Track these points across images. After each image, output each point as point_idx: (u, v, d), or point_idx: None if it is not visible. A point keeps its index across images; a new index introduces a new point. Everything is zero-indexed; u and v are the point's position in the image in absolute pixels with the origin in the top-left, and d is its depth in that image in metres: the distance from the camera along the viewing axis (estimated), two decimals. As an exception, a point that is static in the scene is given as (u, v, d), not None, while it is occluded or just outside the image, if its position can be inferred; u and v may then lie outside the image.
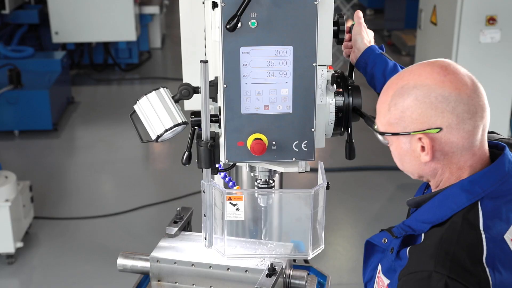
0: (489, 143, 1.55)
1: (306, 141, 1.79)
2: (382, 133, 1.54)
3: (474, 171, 1.49)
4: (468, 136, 1.45)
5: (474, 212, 1.43)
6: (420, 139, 1.46)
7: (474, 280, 1.35)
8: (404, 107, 1.46)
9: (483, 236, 1.40)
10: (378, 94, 1.76)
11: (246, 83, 1.73)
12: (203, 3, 1.88)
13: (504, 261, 1.40)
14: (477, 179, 1.46)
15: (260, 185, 1.94)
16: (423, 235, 1.47)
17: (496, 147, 1.56)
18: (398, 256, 1.51)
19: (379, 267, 1.59)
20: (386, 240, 1.56)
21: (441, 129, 1.44)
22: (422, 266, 1.40)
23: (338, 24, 1.82)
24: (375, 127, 1.58)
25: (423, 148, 1.47)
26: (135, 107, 1.85)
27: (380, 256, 1.60)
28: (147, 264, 2.08)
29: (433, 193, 1.52)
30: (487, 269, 1.37)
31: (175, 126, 1.81)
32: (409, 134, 1.47)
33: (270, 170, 1.93)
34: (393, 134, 1.50)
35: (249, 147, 1.76)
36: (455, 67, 1.47)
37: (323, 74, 1.79)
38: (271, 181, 1.95)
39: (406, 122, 1.47)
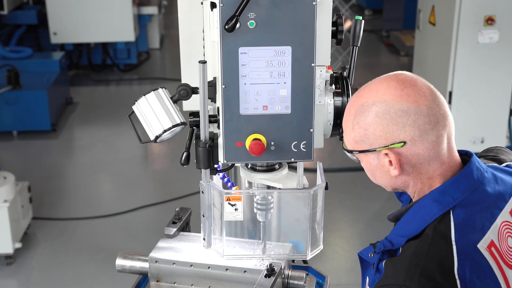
0: (459, 151, 1.56)
1: (305, 142, 1.80)
2: (350, 151, 1.56)
3: (445, 179, 1.50)
4: (433, 146, 1.46)
5: (445, 222, 1.44)
6: (386, 154, 1.48)
7: None
8: (366, 125, 1.49)
9: (454, 247, 1.40)
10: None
11: (245, 84, 1.74)
12: (202, 3, 1.88)
13: (478, 271, 1.40)
14: (447, 188, 1.48)
15: (259, 202, 1.94)
16: (400, 248, 1.48)
17: (466, 155, 1.57)
18: (377, 269, 1.52)
19: (367, 280, 1.61)
20: (372, 255, 1.58)
21: (405, 142, 1.46)
22: (393, 279, 1.41)
23: (336, 24, 1.82)
24: (343, 145, 1.60)
25: (390, 162, 1.49)
26: (134, 107, 1.85)
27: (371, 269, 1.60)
28: (145, 265, 2.08)
29: (408, 206, 1.53)
30: (457, 281, 1.37)
31: (173, 126, 1.81)
32: (375, 150, 1.49)
33: (268, 187, 1.93)
34: (360, 151, 1.53)
35: (248, 148, 1.76)
36: (412, 79, 1.48)
37: (322, 75, 1.79)
38: (269, 197, 1.94)
39: (370, 139, 1.49)
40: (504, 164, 1.63)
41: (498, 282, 1.43)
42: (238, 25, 1.65)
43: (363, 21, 1.84)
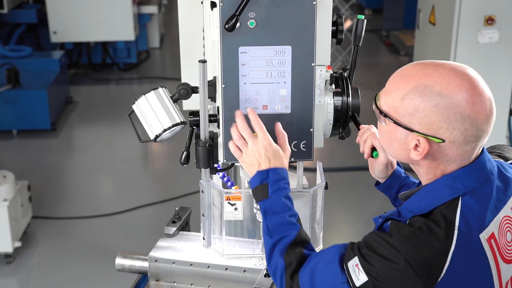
0: None
1: (305, 141, 1.80)
2: (384, 114, 1.51)
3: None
4: (464, 154, 1.47)
5: (452, 208, 1.46)
6: (418, 139, 1.47)
7: (427, 271, 1.40)
8: (419, 108, 1.44)
9: (456, 232, 1.43)
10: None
11: (245, 83, 1.74)
12: (202, 2, 1.88)
13: (473, 259, 1.44)
14: (460, 175, 1.49)
15: None
16: (408, 220, 1.50)
17: None
18: (381, 228, 1.54)
19: None
20: (380, 220, 1.60)
21: (443, 141, 1.45)
22: (389, 237, 1.45)
23: (336, 24, 1.82)
24: (378, 102, 1.54)
25: (417, 146, 1.48)
26: (134, 107, 1.85)
27: None
28: (145, 264, 2.08)
29: (421, 186, 1.55)
30: (447, 263, 1.41)
31: (173, 126, 1.81)
32: (411, 130, 1.47)
33: None
34: (395, 122, 1.49)
35: (247, 147, 1.75)
36: (483, 87, 1.45)
37: (322, 74, 1.79)
38: None
39: (413, 119, 1.46)
40: (509, 162, 1.65)
41: (491, 273, 1.46)
42: (238, 25, 1.65)
43: (365, 20, 1.84)
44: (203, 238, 1.96)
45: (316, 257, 1.57)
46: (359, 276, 1.45)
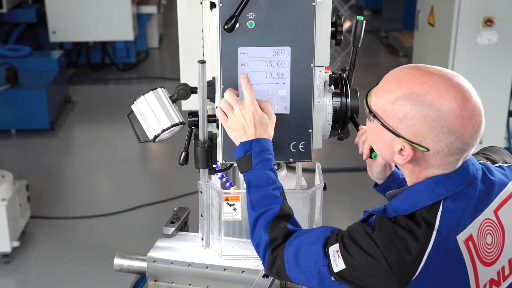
0: None
1: (304, 142, 1.80)
2: (373, 114, 1.52)
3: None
4: (448, 164, 1.48)
5: (433, 212, 1.47)
6: (404, 145, 1.48)
7: (402, 269, 1.43)
8: (408, 115, 1.45)
9: (434, 232, 1.45)
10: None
11: (244, 84, 1.73)
12: (201, 3, 1.88)
13: (449, 260, 1.46)
14: (443, 180, 1.50)
15: None
16: (392, 218, 1.51)
17: None
18: (366, 222, 1.55)
19: None
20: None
21: (428, 150, 1.45)
22: (371, 229, 1.48)
23: (336, 25, 1.82)
24: (369, 99, 1.55)
25: (401, 151, 1.49)
26: (133, 107, 1.85)
27: None
28: (144, 264, 2.08)
29: (406, 187, 1.56)
30: (422, 262, 1.43)
31: (172, 126, 1.81)
32: (398, 136, 1.47)
33: None
34: (382, 124, 1.49)
35: (246, 148, 1.75)
36: (474, 101, 1.45)
37: (321, 75, 1.79)
38: None
39: (401, 125, 1.47)
40: (496, 165, 1.65)
41: (467, 275, 1.48)
42: (237, 25, 1.65)
43: (364, 21, 1.84)
44: (202, 239, 1.96)
45: (304, 234, 1.61)
46: (338, 262, 1.49)
